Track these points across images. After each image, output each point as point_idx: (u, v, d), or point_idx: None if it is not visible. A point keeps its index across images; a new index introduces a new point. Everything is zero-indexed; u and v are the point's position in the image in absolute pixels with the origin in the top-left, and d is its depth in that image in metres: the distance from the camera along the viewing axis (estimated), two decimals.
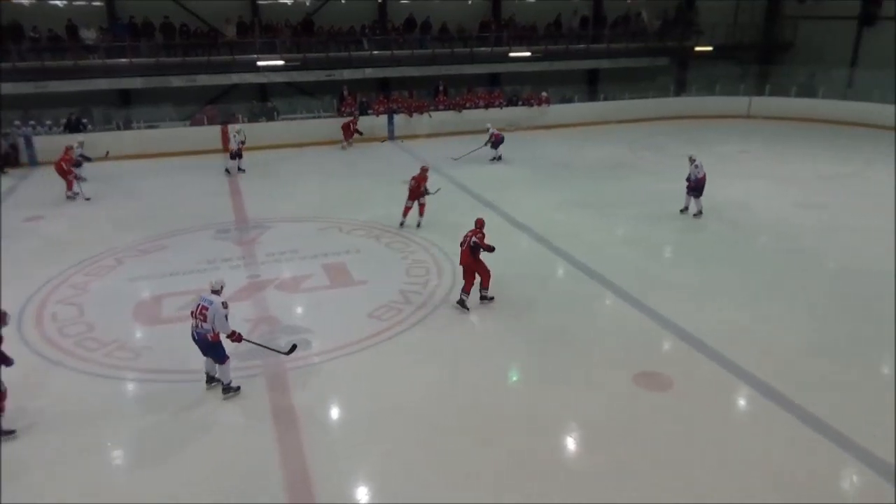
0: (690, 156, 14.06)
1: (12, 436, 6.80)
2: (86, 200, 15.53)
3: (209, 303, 7.22)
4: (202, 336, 7.33)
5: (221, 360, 7.52)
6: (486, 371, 8.24)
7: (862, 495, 6.20)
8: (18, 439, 6.83)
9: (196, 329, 7.35)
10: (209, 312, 7.18)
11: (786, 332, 9.14)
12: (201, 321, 7.25)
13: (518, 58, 24.23)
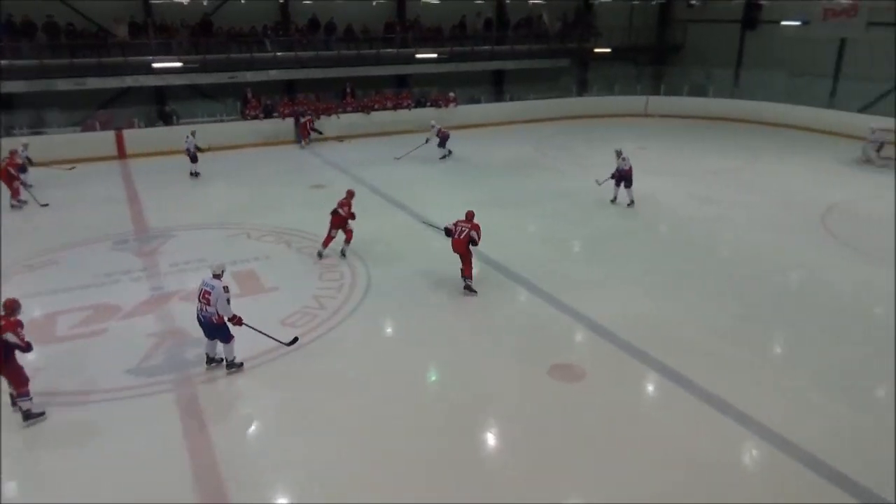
0: (617, 150, 14.92)
1: (42, 417, 7.14)
2: (42, 206, 14.63)
3: (211, 287, 7.65)
4: (208, 318, 7.74)
5: (227, 340, 7.95)
6: (404, 371, 8.22)
7: (761, 467, 6.63)
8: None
9: (201, 312, 7.78)
10: (212, 296, 7.61)
11: (687, 318, 9.64)
12: (205, 304, 7.68)
13: (424, 59, 24.32)
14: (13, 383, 7.06)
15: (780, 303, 10.28)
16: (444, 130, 19.58)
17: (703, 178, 17.47)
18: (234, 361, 8.11)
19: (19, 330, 6.87)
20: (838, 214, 14.34)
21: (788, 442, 6.77)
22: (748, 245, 12.67)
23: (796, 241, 12.80)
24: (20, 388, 7.05)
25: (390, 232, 13.26)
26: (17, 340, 6.84)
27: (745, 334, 9.20)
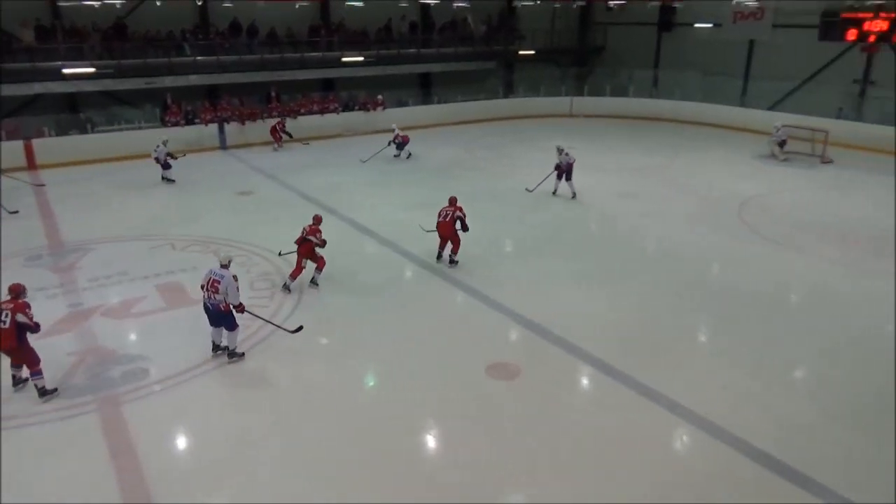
0: (559, 147, 15.78)
1: (56, 393, 7.57)
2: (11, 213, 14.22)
3: (221, 276, 7.95)
4: (215, 306, 8.02)
5: (232, 328, 8.22)
6: (343, 376, 8.12)
7: (691, 452, 6.89)
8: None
9: (209, 300, 8.04)
10: (221, 285, 7.92)
11: (618, 311, 9.91)
12: (213, 293, 7.97)
13: (351, 62, 24.13)
14: (27, 363, 7.50)
15: (706, 293, 10.71)
16: (406, 135, 19.90)
17: (629, 176, 18.01)
18: (235, 351, 8.40)
19: (28, 311, 7.29)
20: (753, 207, 15.07)
21: (720, 428, 7.04)
22: (673, 239, 13.14)
23: (717, 234, 13.37)
24: (33, 367, 7.47)
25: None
26: (27, 320, 7.27)
27: (674, 325, 9.54)
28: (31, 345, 7.49)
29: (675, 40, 28.33)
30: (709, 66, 26.19)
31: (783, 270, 11.59)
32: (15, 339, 7.25)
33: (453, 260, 11.48)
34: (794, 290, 10.97)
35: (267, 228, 13.39)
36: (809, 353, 8.84)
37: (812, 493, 6.13)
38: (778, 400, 7.67)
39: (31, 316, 7.31)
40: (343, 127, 23.35)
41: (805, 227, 13.83)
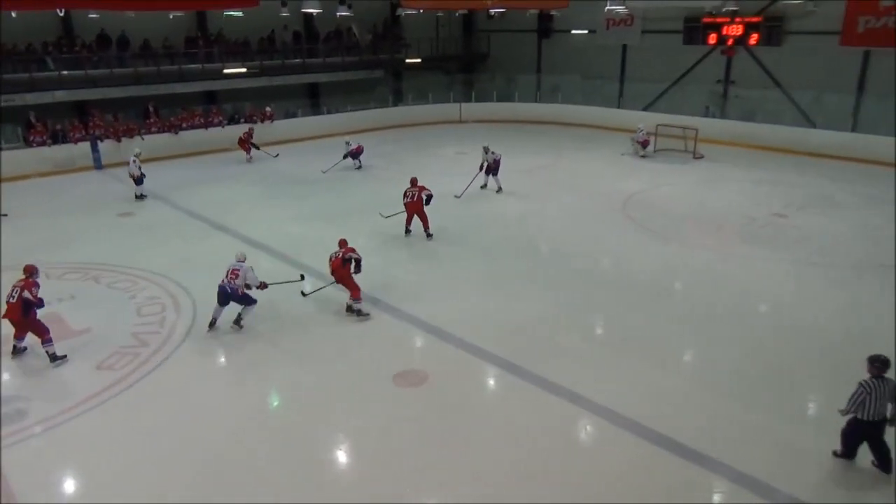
0: (484, 146, 16.83)
1: (65, 360, 8.59)
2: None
3: (239, 267, 9.43)
4: (234, 290, 9.31)
5: (251, 303, 9.56)
6: (244, 401, 7.83)
7: (594, 441, 7.19)
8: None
9: (228, 285, 9.29)
10: (240, 273, 9.34)
11: (518, 310, 10.15)
12: (233, 279, 9.31)
13: (233, 74, 23.36)
14: (36, 333, 8.52)
15: (598, 286, 11.19)
16: (359, 146, 19.87)
17: (519, 177, 18.46)
18: (240, 321, 9.53)
19: (34, 289, 8.37)
20: (636, 202, 15.92)
21: (618, 414, 7.37)
22: (564, 236, 13.64)
23: (605, 229, 14.01)
24: (44, 336, 8.50)
25: (215, 255, 12.53)
26: (31, 297, 8.30)
27: (571, 318, 9.90)
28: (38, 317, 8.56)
29: (555, 46, 29.52)
30: (587, 70, 27.47)
31: (667, 260, 12.30)
32: (20, 312, 8.36)
33: (429, 234, 13.08)
34: (677, 278, 11.67)
35: (153, 251, 12.74)
36: (694, 334, 9.44)
37: (706, 467, 6.53)
38: (669, 382, 8.12)
39: (35, 294, 8.35)
40: (230, 141, 22.54)
41: (683, 218, 14.77)
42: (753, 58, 23.42)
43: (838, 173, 18.55)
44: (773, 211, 14.95)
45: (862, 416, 6.20)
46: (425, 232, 13.22)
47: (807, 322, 9.69)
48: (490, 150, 16.76)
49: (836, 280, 11.23)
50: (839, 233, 13.55)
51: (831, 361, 8.53)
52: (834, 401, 7.78)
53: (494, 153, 16.68)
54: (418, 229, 13.41)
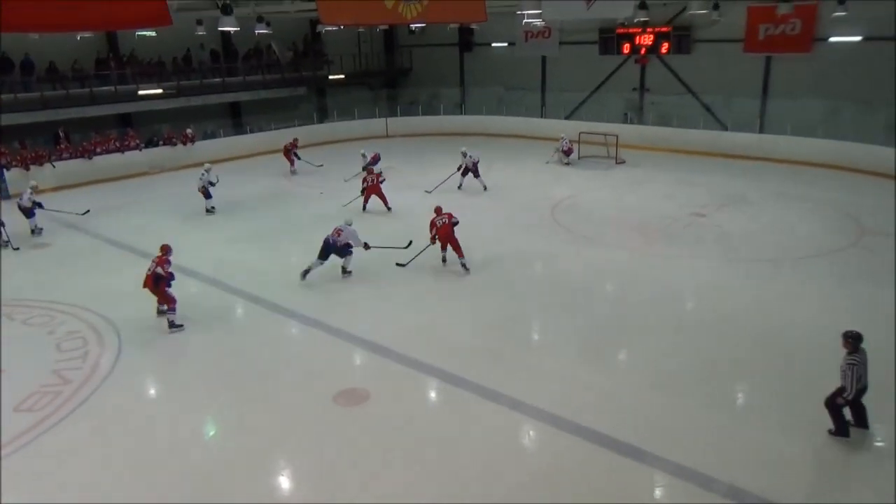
0: (462, 150, 18.00)
1: (181, 328, 9.93)
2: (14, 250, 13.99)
3: (343, 228, 11.63)
4: (335, 242, 11.50)
5: (349, 254, 11.79)
6: (179, 433, 7.50)
7: (538, 445, 7.28)
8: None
9: (333, 238, 11.48)
10: (344, 232, 11.55)
11: (456, 321, 10.19)
12: (336, 237, 11.51)
13: (148, 95, 22.57)
14: (165, 302, 10.01)
15: (532, 292, 11.38)
16: (375, 154, 19.76)
17: (450, 190, 18.58)
18: (346, 268, 11.96)
19: (165, 266, 9.81)
20: (564, 208, 16.29)
21: (558, 417, 7.47)
22: (496, 245, 13.78)
23: (536, 236, 14.26)
24: (170, 305, 9.97)
25: (139, 284, 12.01)
26: (162, 272, 9.74)
27: (507, 326, 9.98)
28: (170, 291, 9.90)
29: (477, 59, 29.98)
30: (509, 81, 28.05)
31: (595, 262, 12.63)
32: (153, 283, 9.81)
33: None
34: (607, 279, 12.00)
35: (71, 282, 12.13)
36: (626, 333, 9.70)
37: (646, 463, 6.70)
38: (605, 381, 8.31)
39: (166, 269, 9.82)
40: (148, 164, 21.76)
41: (609, 221, 15.23)
42: (665, 66, 24.48)
43: (749, 172, 19.56)
44: (692, 211, 15.59)
45: (861, 386, 6.71)
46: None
47: (732, 315, 10.11)
48: (468, 153, 17.82)
49: (757, 274, 11.79)
50: (755, 229, 14.26)
51: (758, 352, 8.95)
52: (763, 389, 8.16)
53: (472, 156, 17.79)
54: None
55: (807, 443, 6.96)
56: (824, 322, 9.73)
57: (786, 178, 18.76)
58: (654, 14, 21.47)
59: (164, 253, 10.05)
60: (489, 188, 18.05)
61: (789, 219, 14.95)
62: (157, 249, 10.11)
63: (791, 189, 17.40)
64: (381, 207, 16.29)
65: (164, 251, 10.08)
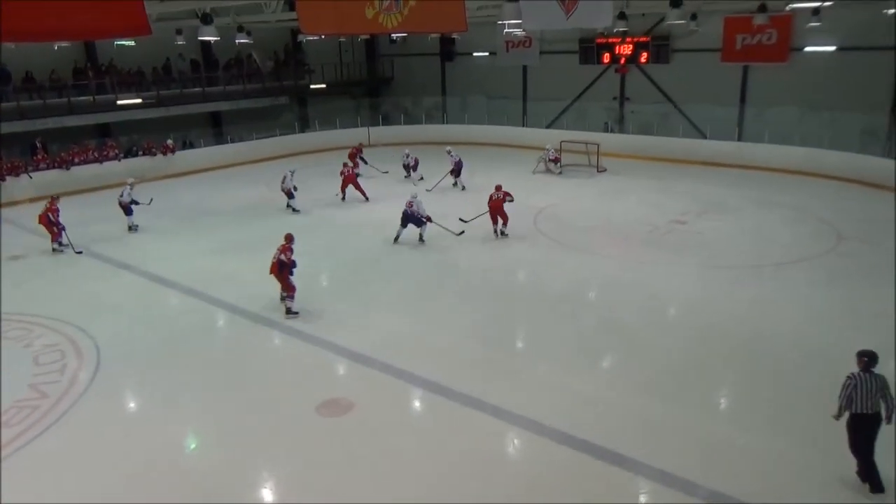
0: (447, 149, 19.18)
1: (297, 315, 10.59)
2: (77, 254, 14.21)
3: (413, 200, 13.81)
4: (411, 213, 13.79)
5: (424, 224, 13.96)
6: (159, 445, 7.38)
7: (520, 453, 7.29)
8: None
9: (407, 209, 13.77)
10: (414, 204, 13.71)
11: (438, 329, 10.17)
12: (409, 207, 13.71)
13: (128, 105, 22.38)
14: (286, 289, 10.64)
15: (515, 300, 11.39)
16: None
17: (431, 197, 18.57)
18: (423, 237, 14.11)
19: (288, 254, 10.42)
20: (546, 217, 16.36)
21: (542, 424, 7.47)
22: (479, 253, 13.81)
23: (519, 244, 14.29)
24: (290, 292, 10.62)
25: (118, 296, 11.90)
26: (285, 259, 10.37)
27: (491, 334, 9.99)
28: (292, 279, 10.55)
29: (459, 68, 30.10)
30: (491, 90, 28.18)
31: (578, 270, 12.69)
32: (277, 270, 10.45)
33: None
34: (590, 287, 12.05)
35: (48, 295, 11.95)
36: (610, 340, 9.74)
37: (629, 469, 6.71)
38: (589, 388, 8.33)
39: (289, 257, 10.40)
40: (128, 174, 21.49)
41: (591, 229, 15.32)
42: (645, 75, 24.75)
43: (729, 180, 19.79)
44: (673, 218, 15.73)
45: (856, 411, 6.13)
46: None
47: (714, 321, 10.20)
48: (452, 152, 19.05)
49: (738, 280, 11.91)
50: (735, 235, 14.42)
51: (740, 357, 9.03)
52: (745, 395, 8.23)
53: (455, 155, 19.02)
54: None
55: (790, 448, 7.02)
56: (805, 328, 9.90)
57: (764, 185, 19.01)
58: (633, 24, 21.71)
59: (287, 241, 10.60)
60: (468, 192, 18.11)
61: (769, 225, 15.14)
62: (142, 261, 9.99)
63: (770, 196, 17.63)
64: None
65: (287, 240, 10.63)
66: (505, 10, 8.55)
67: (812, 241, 13.90)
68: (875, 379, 6.10)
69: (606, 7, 8.06)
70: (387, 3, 7.53)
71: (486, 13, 18.20)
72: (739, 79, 22.82)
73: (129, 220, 16.18)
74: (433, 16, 8.27)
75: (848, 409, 6.19)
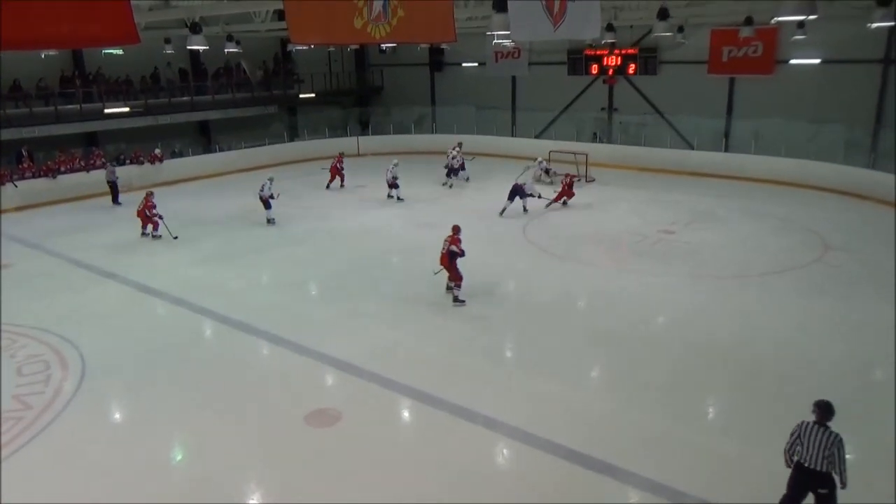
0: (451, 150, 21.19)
1: (464, 304, 11.22)
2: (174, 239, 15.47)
3: (523, 183, 16.34)
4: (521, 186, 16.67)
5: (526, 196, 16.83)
6: (144, 458, 7.30)
7: (511, 463, 7.25)
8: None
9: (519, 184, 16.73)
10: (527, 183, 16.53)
11: (425, 339, 10.15)
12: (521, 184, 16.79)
13: (115, 114, 22.27)
14: (454, 279, 11.22)
15: (504, 310, 11.41)
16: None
17: (422, 207, 18.62)
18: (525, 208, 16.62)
19: (458, 244, 11.02)
20: (535, 226, 16.39)
21: (533, 435, 7.45)
22: (470, 262, 13.74)
23: (508, 254, 14.31)
24: (457, 282, 11.17)
25: (104, 305, 11.78)
26: (456, 249, 11.00)
27: (480, 344, 9.96)
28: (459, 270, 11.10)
29: (448, 79, 30.22)
30: (480, 100, 28.27)
31: (568, 280, 12.71)
32: (447, 260, 11.08)
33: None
34: (579, 296, 12.06)
35: (32, 304, 11.79)
36: (599, 350, 9.74)
37: (619, 479, 6.71)
38: (579, 398, 8.33)
39: (459, 246, 11.04)
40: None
41: (580, 239, 15.36)
42: (633, 86, 24.94)
43: (717, 190, 19.94)
44: (661, 228, 15.81)
45: (799, 459, 5.68)
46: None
47: (701, 330, 10.24)
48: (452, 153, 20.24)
49: (725, 290, 11.97)
50: (723, 245, 14.50)
51: (727, 366, 9.07)
52: (734, 405, 8.27)
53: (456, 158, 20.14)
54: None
55: (775, 456, 7.03)
56: (791, 337, 9.94)
57: (751, 195, 19.15)
58: (621, 36, 21.89)
59: (455, 233, 11.19)
60: (463, 202, 18.13)
61: (756, 235, 15.24)
62: (129, 270, 9.89)
63: (757, 206, 17.77)
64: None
65: (455, 231, 11.21)
66: (494, 21, 8.57)
67: (799, 251, 14.01)
68: (824, 434, 5.52)
69: (595, 18, 8.11)
70: (375, 14, 7.54)
71: (476, 24, 18.29)
72: (726, 90, 23.05)
73: (268, 213, 17.06)
74: (422, 26, 8.27)
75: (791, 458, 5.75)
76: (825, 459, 5.49)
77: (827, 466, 5.51)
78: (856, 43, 19.33)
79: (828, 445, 5.48)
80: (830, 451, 5.48)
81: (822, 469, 5.52)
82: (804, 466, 5.61)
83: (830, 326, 10.30)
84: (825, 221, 16.02)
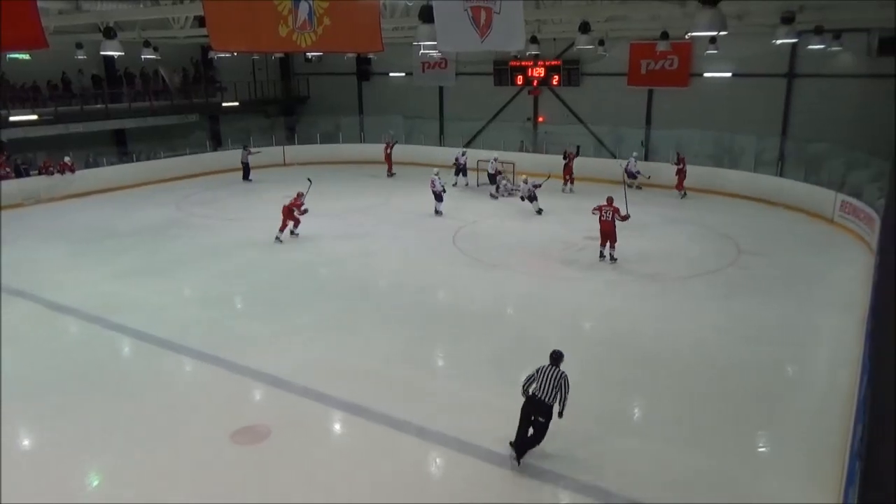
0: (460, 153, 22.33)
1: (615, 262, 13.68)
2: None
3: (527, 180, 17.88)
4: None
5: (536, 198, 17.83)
6: (62, 481, 6.86)
7: (447, 472, 7.21)
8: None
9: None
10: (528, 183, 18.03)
11: (359, 351, 10.00)
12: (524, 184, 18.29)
13: (21, 122, 21.03)
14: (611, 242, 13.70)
15: (434, 319, 11.39)
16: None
17: (351, 217, 18.43)
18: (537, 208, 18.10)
19: (619, 213, 13.30)
20: (465, 235, 16.51)
21: (465, 443, 7.46)
22: (400, 272, 13.76)
23: (439, 263, 14.34)
24: (614, 244, 13.68)
25: (12, 326, 11.04)
26: (619, 217, 13.25)
27: (413, 354, 9.93)
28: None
29: (376, 88, 30.14)
30: (409, 110, 28.33)
31: (498, 287, 12.85)
32: (612, 226, 12.97)
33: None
34: (509, 303, 12.21)
35: None
36: (530, 356, 9.81)
37: (551, 482, 6.80)
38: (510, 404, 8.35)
39: (621, 212, 12.86)
40: (22, 195, 20.18)
41: (508, 247, 15.56)
42: (557, 97, 25.57)
43: (638, 197, 20.57)
44: (586, 235, 16.17)
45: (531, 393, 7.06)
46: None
47: (626, 332, 10.55)
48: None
49: (649, 293, 12.40)
50: (646, 250, 15.00)
51: (651, 367, 9.36)
52: (656, 403, 8.53)
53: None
54: None
55: (699, 456, 7.30)
56: (706, 336, 10.38)
57: (669, 202, 19.94)
58: (545, 48, 22.44)
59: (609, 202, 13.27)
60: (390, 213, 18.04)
61: (676, 241, 15.86)
62: (35, 287, 9.32)
63: (675, 213, 18.52)
64: None
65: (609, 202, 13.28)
66: (420, 31, 8.60)
67: (715, 255, 14.66)
68: (557, 374, 7.01)
69: (519, 31, 8.24)
70: (301, 22, 7.42)
71: (402, 34, 18.33)
72: (645, 101, 23.97)
73: (438, 206, 18.41)
74: (348, 36, 8.22)
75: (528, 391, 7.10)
76: (554, 390, 6.93)
77: (554, 398, 6.92)
78: (763, 58, 20.57)
79: (556, 380, 6.95)
80: (558, 383, 6.94)
81: (549, 400, 6.92)
82: (534, 397, 6.98)
83: (744, 326, 10.81)
84: (738, 227, 16.84)
